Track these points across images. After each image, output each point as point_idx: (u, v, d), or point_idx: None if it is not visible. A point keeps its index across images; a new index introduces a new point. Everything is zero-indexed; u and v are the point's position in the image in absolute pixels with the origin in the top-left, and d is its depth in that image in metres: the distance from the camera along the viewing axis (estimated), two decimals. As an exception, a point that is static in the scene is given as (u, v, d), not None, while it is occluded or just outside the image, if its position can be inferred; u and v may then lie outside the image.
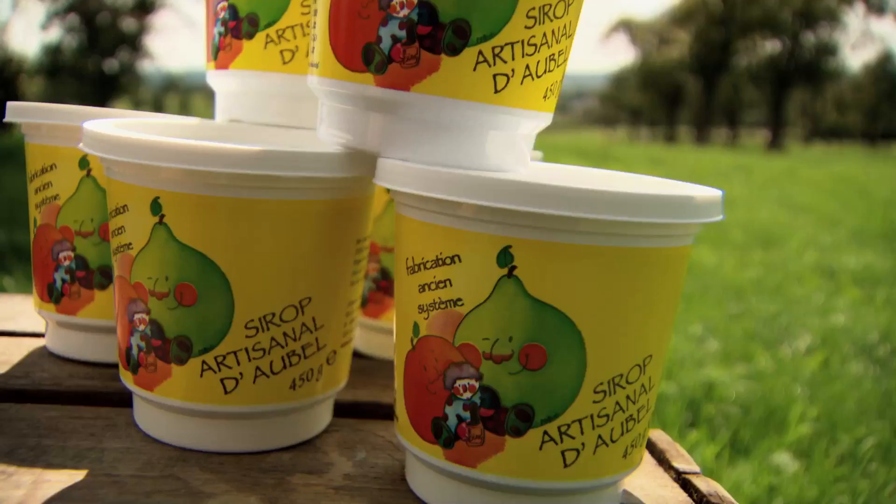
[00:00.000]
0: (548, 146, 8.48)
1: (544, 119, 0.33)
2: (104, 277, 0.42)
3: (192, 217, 0.32)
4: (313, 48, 0.33)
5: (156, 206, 0.32)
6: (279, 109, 0.41)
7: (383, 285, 0.48)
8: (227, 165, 0.31)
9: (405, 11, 0.29)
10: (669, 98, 16.31)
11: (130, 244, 0.34)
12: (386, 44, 0.30)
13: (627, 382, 0.29)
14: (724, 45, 13.95)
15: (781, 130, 13.96)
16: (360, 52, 0.30)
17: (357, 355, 0.50)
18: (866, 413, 1.53)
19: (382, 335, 0.49)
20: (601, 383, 0.29)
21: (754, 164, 7.50)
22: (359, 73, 0.31)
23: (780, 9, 13.55)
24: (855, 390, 1.65)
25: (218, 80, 0.43)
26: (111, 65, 10.71)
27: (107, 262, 0.42)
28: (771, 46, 14.16)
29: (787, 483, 1.21)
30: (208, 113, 0.44)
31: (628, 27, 16.54)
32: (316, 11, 0.33)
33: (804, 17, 13.45)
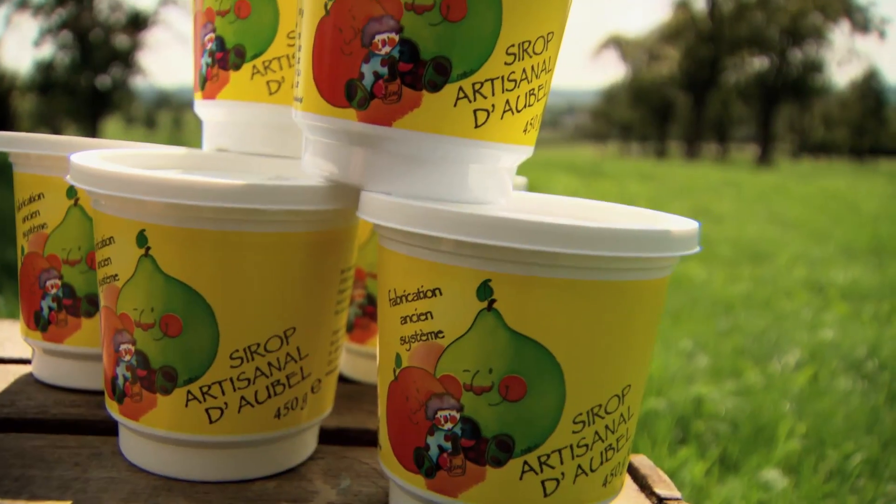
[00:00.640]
0: (540, 162, 8.52)
1: (525, 152, 0.34)
2: (91, 305, 0.43)
3: (177, 249, 0.32)
4: (297, 83, 0.34)
5: (141, 239, 0.33)
6: (265, 139, 0.42)
7: (369, 311, 0.48)
8: (211, 199, 0.31)
9: (387, 49, 0.30)
10: (660, 114, 16.44)
11: (116, 275, 0.34)
12: (368, 80, 0.31)
13: (606, 412, 0.30)
14: (713, 62, 14.10)
15: (770, 146, 14.10)
16: (342, 88, 0.31)
17: (343, 380, 0.50)
18: (854, 429, 1.54)
19: (369, 360, 0.49)
20: (580, 414, 0.29)
21: (743, 179, 7.56)
22: (341, 108, 0.31)
23: (768, 26, 13.73)
24: (843, 406, 1.65)
25: (205, 110, 0.43)
26: (104, 81, 10.72)
27: (94, 291, 0.43)
28: (759, 63, 14.34)
29: (776, 500, 1.21)
30: (200, 129, 0.45)
31: (618, 44, 16.70)
32: (300, 47, 0.33)
33: (791, 34, 13.64)
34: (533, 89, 0.32)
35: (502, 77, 0.31)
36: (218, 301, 0.33)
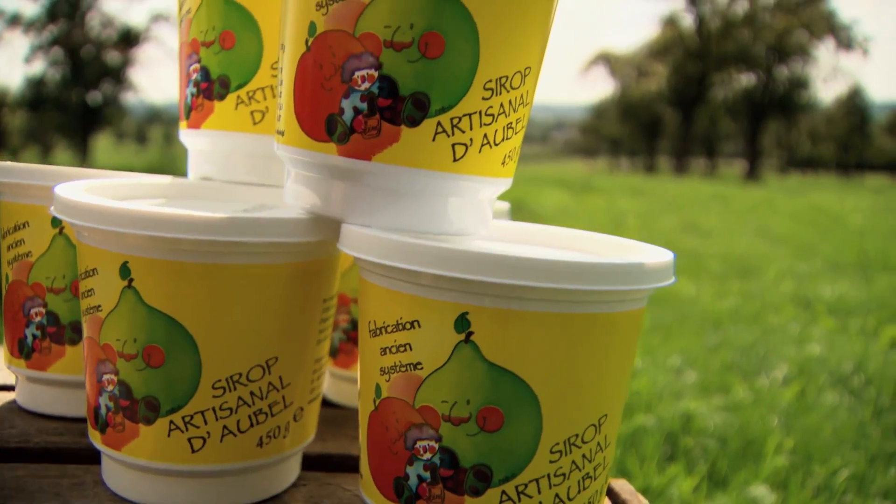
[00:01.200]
0: (530, 177, 8.55)
1: (504, 184, 0.34)
2: (75, 333, 0.43)
3: (160, 281, 0.33)
4: (279, 116, 0.34)
5: (125, 271, 0.33)
6: (249, 168, 0.42)
7: (353, 336, 0.48)
8: (194, 232, 0.31)
9: (366, 85, 0.31)
10: (649, 129, 16.57)
11: (100, 306, 0.34)
12: (348, 115, 0.31)
13: (583, 442, 0.30)
14: (701, 79, 14.25)
15: (758, 161, 14.23)
16: (323, 123, 0.32)
17: (327, 404, 0.50)
18: (841, 444, 1.55)
19: (353, 385, 0.50)
20: (557, 443, 0.30)
21: (732, 194, 7.62)
22: (322, 142, 0.32)
23: (754, 43, 13.90)
24: (830, 421, 1.66)
25: (190, 139, 0.44)
26: (94, 97, 10.71)
27: (78, 318, 0.43)
28: (746, 80, 14.51)
29: (763, 517, 1.21)
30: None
31: (607, 60, 16.84)
32: (282, 81, 0.34)
33: (777, 51, 13.81)
34: (511, 123, 0.33)
35: (480, 112, 0.32)
36: (201, 332, 0.33)
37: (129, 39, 10.80)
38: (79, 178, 0.41)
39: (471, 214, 0.34)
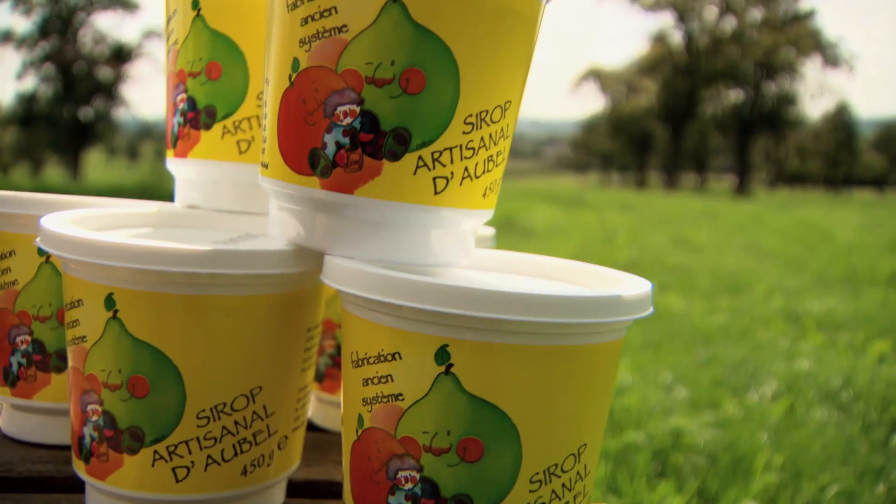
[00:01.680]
0: (521, 192, 8.59)
1: (485, 215, 0.35)
2: (61, 361, 0.43)
3: (145, 313, 0.33)
4: (264, 149, 0.35)
5: (109, 302, 0.33)
6: (235, 196, 0.43)
7: (339, 361, 0.49)
8: (179, 265, 0.32)
9: (349, 120, 0.31)
10: (639, 144, 16.69)
11: (84, 337, 0.34)
12: (331, 149, 0.32)
13: (563, 471, 0.31)
14: (690, 94, 14.39)
15: (747, 176, 14.35)
16: (306, 157, 0.32)
17: (314, 429, 0.51)
18: (830, 460, 1.55)
19: (338, 409, 0.50)
20: (537, 473, 0.30)
21: (721, 209, 7.66)
22: (305, 176, 0.32)
23: (742, 60, 14.07)
24: (819, 437, 1.67)
25: (177, 168, 0.44)
26: (86, 113, 10.71)
27: (64, 346, 0.43)
28: (734, 95, 14.66)
29: (753, 535, 1.22)
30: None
31: (598, 76, 16.98)
32: (266, 114, 0.35)
33: (765, 68, 13.98)
34: (491, 156, 0.34)
35: (461, 145, 0.32)
36: (185, 362, 0.33)
37: (121, 55, 10.82)
38: (66, 207, 0.42)
39: (453, 245, 0.35)
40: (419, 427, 0.30)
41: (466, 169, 0.33)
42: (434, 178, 0.32)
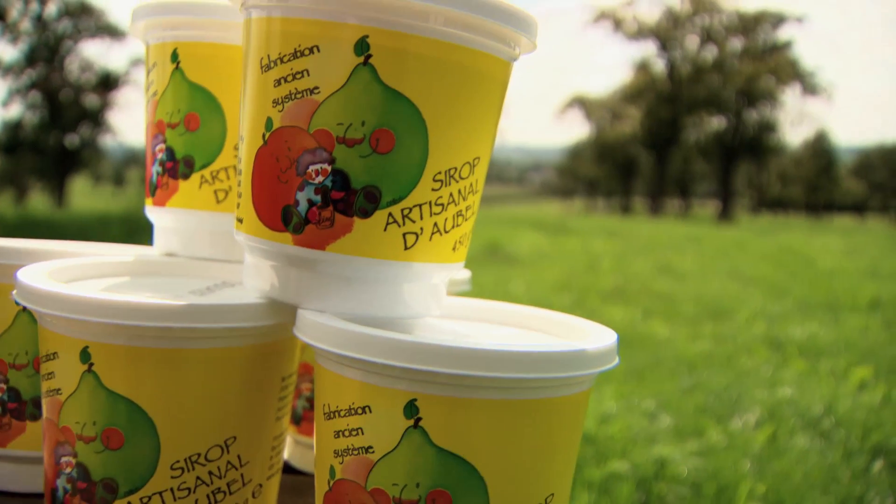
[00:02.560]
0: (507, 219, 8.63)
1: (455, 268, 0.36)
2: (36, 408, 0.43)
3: (120, 366, 0.33)
4: (239, 203, 0.36)
5: (85, 355, 0.34)
6: (212, 244, 0.44)
7: (316, 405, 0.49)
8: (154, 320, 0.32)
9: (320, 178, 0.32)
10: (624, 170, 16.87)
11: (59, 389, 0.35)
12: (303, 207, 0.33)
13: (530, 521, 0.31)
14: (673, 121, 14.61)
15: (731, 201, 14.54)
16: (279, 214, 0.33)
17: (292, 471, 0.51)
18: (812, 488, 1.56)
19: (316, 453, 0.50)
20: (505, 524, 0.31)
21: (705, 234, 7.73)
22: (278, 232, 0.33)
23: (724, 88, 14.32)
24: (801, 465, 1.68)
25: (155, 216, 0.45)
26: (72, 140, 10.68)
27: (39, 394, 0.43)
28: (717, 122, 14.90)
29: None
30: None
31: (582, 103, 17.19)
32: (241, 171, 0.35)
33: (746, 95, 14.24)
34: (460, 210, 0.35)
35: (430, 202, 0.33)
36: (160, 415, 0.34)
37: (108, 83, 10.83)
38: (44, 255, 0.42)
39: (424, 297, 0.36)
40: (389, 479, 0.30)
41: (436, 224, 0.34)
42: (404, 234, 0.33)
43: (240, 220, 0.35)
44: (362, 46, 0.31)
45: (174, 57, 0.43)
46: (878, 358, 2.60)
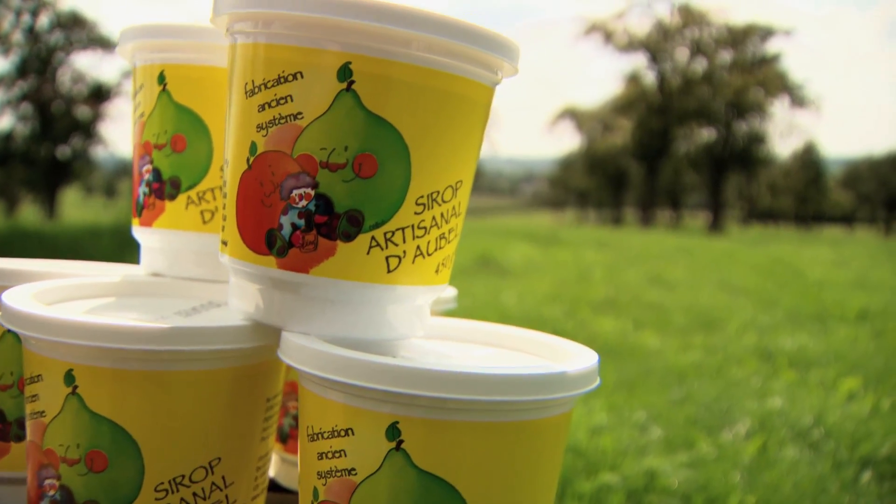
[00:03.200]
0: (499, 230, 8.64)
1: (439, 290, 0.36)
2: (21, 429, 0.43)
3: (104, 388, 0.34)
4: (223, 227, 0.36)
5: (69, 378, 0.34)
6: (198, 264, 0.44)
7: (302, 423, 0.49)
8: (138, 343, 0.33)
9: (304, 202, 0.33)
10: (615, 181, 16.96)
11: (43, 412, 0.35)
12: (287, 230, 0.33)
13: (512, 542, 0.31)
14: (664, 133, 14.72)
15: (721, 212, 14.63)
16: (263, 237, 0.34)
17: (277, 489, 0.51)
18: (801, 499, 1.57)
19: (302, 472, 0.50)
20: (486, 545, 0.31)
21: (696, 245, 7.77)
22: (262, 255, 0.34)
23: (713, 100, 14.44)
24: (791, 476, 1.68)
25: (142, 236, 0.45)
26: (63, 151, 10.64)
27: (24, 415, 0.43)
28: (707, 134, 15.02)
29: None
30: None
31: (573, 115, 17.28)
32: (225, 194, 0.36)
33: (735, 107, 14.36)
34: (443, 233, 0.35)
35: (412, 225, 0.34)
36: (144, 437, 0.34)
37: (100, 94, 10.81)
38: (31, 276, 0.42)
39: (408, 319, 0.36)
40: (371, 502, 0.31)
41: (419, 247, 0.34)
42: (387, 258, 0.33)
43: (224, 243, 0.36)
44: (345, 73, 0.32)
45: (161, 79, 0.43)
46: (867, 368, 2.61)
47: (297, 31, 0.32)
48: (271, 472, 0.52)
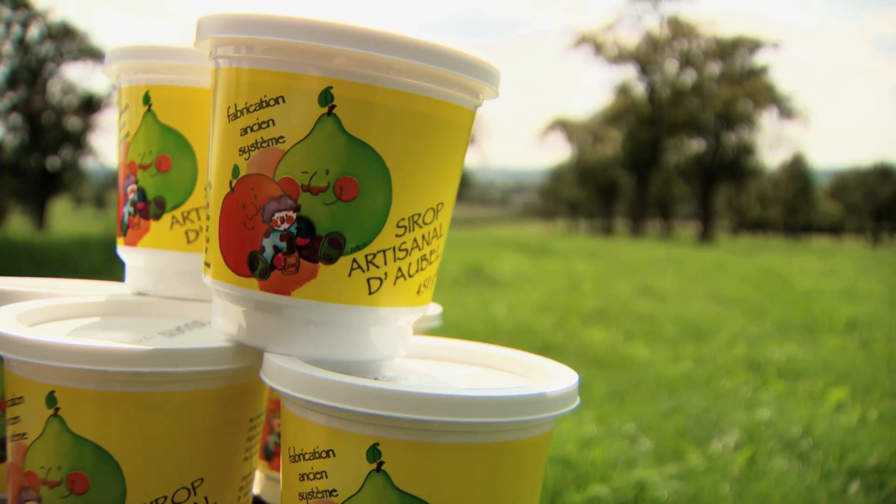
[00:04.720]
0: (489, 240, 8.66)
1: (420, 311, 0.37)
2: (3, 450, 0.43)
3: (86, 410, 0.34)
4: (206, 248, 0.36)
5: (51, 400, 0.34)
6: (183, 284, 0.44)
7: (287, 441, 0.49)
8: (121, 365, 0.33)
9: (286, 225, 0.33)
10: (605, 192, 17.04)
11: (25, 434, 0.35)
12: (269, 253, 0.33)
13: (492, 562, 0.32)
14: (654, 144, 14.82)
15: (711, 223, 14.72)
16: (245, 260, 0.34)
17: (263, 509, 0.51)
18: (791, 512, 1.57)
19: (287, 490, 0.50)
20: (466, 566, 0.31)
21: (686, 255, 7.80)
22: (245, 277, 0.34)
23: (703, 111, 14.56)
24: (779, 487, 1.69)
25: (127, 256, 0.45)
26: (53, 162, 10.60)
27: (6, 435, 0.43)
28: (696, 145, 15.13)
29: None
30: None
31: (564, 126, 17.37)
32: (209, 216, 0.36)
33: (724, 119, 14.48)
34: (425, 255, 0.36)
35: (394, 247, 0.34)
36: (126, 458, 0.34)
37: (90, 105, 10.79)
38: (14, 297, 0.42)
39: (390, 340, 0.36)
40: (352, 523, 0.31)
41: (400, 269, 0.34)
42: (368, 280, 0.34)
43: (207, 265, 0.36)
44: (326, 97, 0.32)
45: (146, 99, 0.44)
46: (855, 379, 2.63)
47: (279, 56, 0.33)
48: (256, 490, 0.52)
